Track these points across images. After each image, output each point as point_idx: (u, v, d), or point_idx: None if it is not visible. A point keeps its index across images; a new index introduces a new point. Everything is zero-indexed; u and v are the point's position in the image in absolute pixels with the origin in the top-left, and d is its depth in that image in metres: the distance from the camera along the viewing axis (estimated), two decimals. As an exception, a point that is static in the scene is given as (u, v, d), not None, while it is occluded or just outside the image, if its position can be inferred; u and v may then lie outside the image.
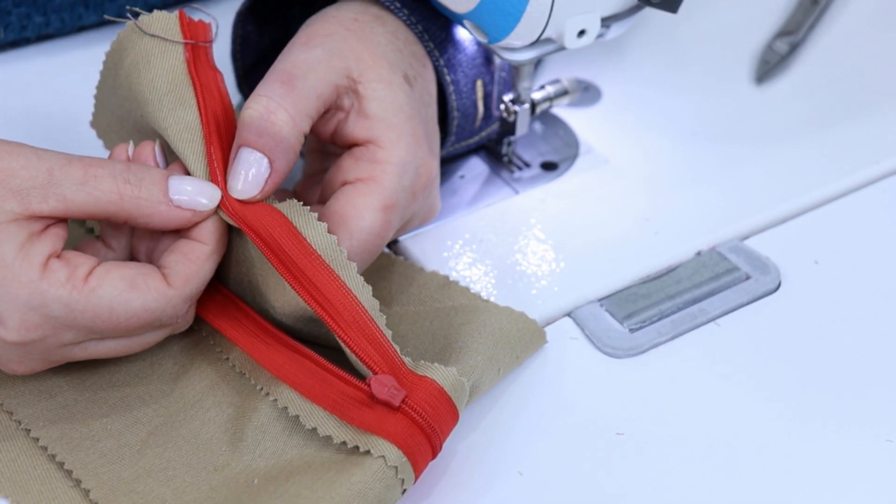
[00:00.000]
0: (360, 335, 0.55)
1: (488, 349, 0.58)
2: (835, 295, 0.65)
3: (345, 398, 0.54)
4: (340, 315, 0.55)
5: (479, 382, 0.57)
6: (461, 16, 0.64)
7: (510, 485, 0.56)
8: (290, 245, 0.55)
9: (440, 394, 0.54)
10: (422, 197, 0.62)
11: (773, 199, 0.71)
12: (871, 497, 0.55)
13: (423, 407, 0.53)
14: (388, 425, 0.53)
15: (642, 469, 0.56)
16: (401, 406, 0.53)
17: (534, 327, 0.61)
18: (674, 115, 0.78)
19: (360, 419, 0.53)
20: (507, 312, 0.61)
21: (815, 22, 0.85)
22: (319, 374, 0.55)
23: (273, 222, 0.55)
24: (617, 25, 0.66)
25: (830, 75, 0.82)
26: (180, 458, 0.55)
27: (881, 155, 0.74)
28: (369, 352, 0.54)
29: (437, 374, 0.55)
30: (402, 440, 0.53)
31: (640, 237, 0.68)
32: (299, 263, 0.55)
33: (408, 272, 0.64)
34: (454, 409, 0.55)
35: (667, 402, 0.59)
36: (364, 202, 0.59)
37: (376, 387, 0.53)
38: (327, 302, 0.55)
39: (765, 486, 0.55)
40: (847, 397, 0.60)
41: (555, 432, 0.58)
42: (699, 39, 0.85)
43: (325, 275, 0.55)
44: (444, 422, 0.54)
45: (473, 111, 0.69)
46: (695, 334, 0.63)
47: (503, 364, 0.59)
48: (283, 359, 0.57)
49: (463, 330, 0.59)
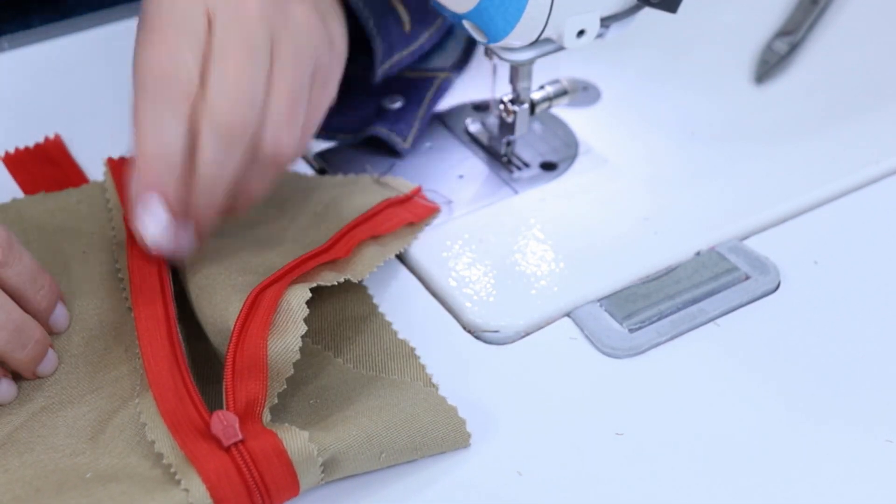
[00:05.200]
0: (242, 372, 0.54)
1: (374, 428, 0.54)
2: (834, 295, 0.65)
3: (188, 422, 0.53)
4: (237, 355, 0.54)
5: (342, 457, 0.53)
6: (461, 16, 0.64)
7: (510, 485, 0.56)
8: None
9: (279, 453, 0.51)
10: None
11: (773, 199, 0.71)
12: (871, 497, 0.55)
13: (256, 457, 0.51)
14: (208, 462, 0.51)
15: (642, 469, 0.56)
16: (230, 448, 0.51)
17: (458, 427, 0.56)
18: (673, 115, 0.78)
19: (192, 448, 0.52)
20: (434, 404, 0.57)
21: (815, 22, 0.85)
22: (180, 391, 0.54)
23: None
24: (617, 25, 0.66)
25: (830, 75, 0.82)
26: (52, 438, 0.55)
27: (881, 155, 0.74)
28: (236, 389, 0.53)
29: (285, 434, 0.52)
30: (216, 482, 0.50)
31: (640, 237, 0.68)
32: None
33: (379, 332, 0.62)
34: (292, 474, 0.52)
35: (667, 402, 0.59)
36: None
37: (215, 420, 0.52)
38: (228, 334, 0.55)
39: (765, 486, 0.55)
40: (847, 397, 0.60)
41: (555, 432, 0.58)
42: (699, 39, 0.85)
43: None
44: (277, 484, 0.52)
45: (389, 11, 0.67)
46: (694, 334, 0.63)
47: (388, 449, 0.55)
48: (165, 366, 0.56)
49: (368, 403, 0.56)
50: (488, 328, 0.63)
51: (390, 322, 0.62)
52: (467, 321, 0.64)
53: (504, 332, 0.63)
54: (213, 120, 0.57)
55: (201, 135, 0.57)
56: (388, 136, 0.72)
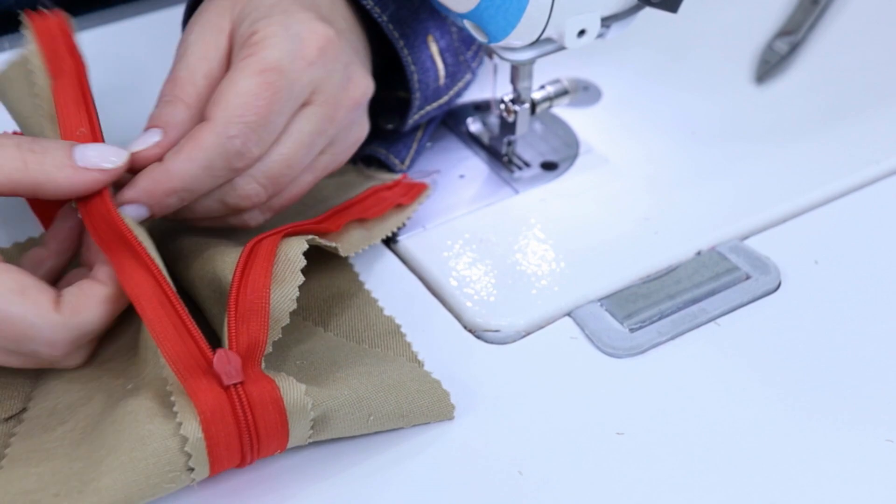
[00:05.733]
0: (245, 315, 0.54)
1: (364, 389, 0.55)
2: (835, 295, 0.65)
3: (189, 357, 0.52)
4: (239, 298, 0.55)
5: (333, 415, 0.54)
6: (461, 16, 0.64)
7: (510, 485, 0.56)
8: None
9: (275, 400, 0.52)
10: (322, 65, 0.60)
11: (773, 199, 0.71)
12: (871, 497, 0.55)
13: (253, 401, 0.51)
14: (206, 398, 0.51)
15: (642, 469, 0.56)
16: (229, 388, 0.51)
17: (442, 398, 0.57)
18: (674, 115, 0.78)
19: (191, 382, 0.52)
20: (419, 375, 0.58)
21: (815, 22, 0.85)
22: (179, 328, 0.53)
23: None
24: (617, 25, 0.66)
25: (830, 75, 0.82)
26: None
27: (881, 155, 0.74)
28: (238, 331, 0.54)
29: (283, 382, 0.53)
30: (210, 419, 0.51)
31: (640, 237, 0.68)
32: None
33: (365, 308, 0.63)
34: (284, 424, 0.52)
35: (667, 401, 0.59)
36: (238, 71, 0.58)
37: (219, 357, 0.52)
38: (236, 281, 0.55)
39: (765, 485, 0.55)
40: (847, 397, 0.60)
41: (555, 432, 0.58)
42: (699, 39, 0.85)
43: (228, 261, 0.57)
44: (268, 432, 0.52)
45: (432, 66, 0.68)
46: (695, 334, 0.63)
47: (377, 413, 0.55)
48: (157, 303, 0.54)
49: (355, 368, 0.57)
50: (489, 328, 0.63)
51: (376, 299, 0.63)
52: (468, 321, 0.64)
53: (505, 332, 0.63)
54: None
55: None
56: (386, 157, 0.71)
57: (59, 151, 0.55)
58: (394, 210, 0.67)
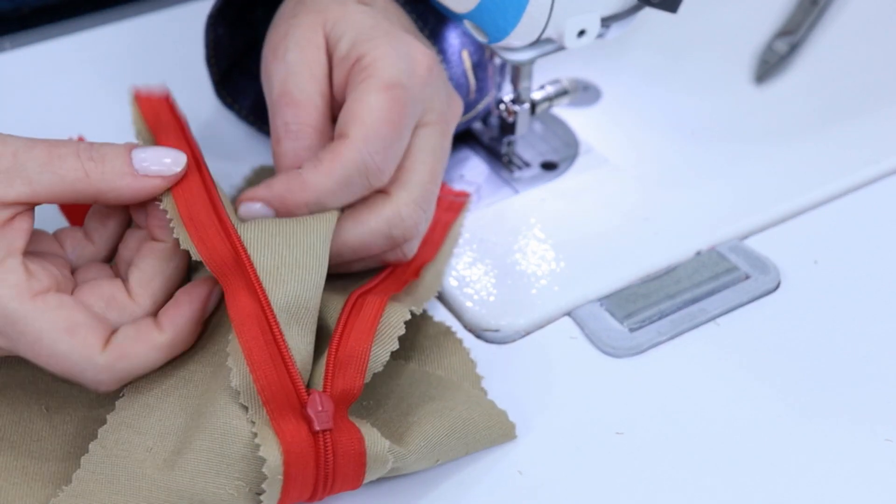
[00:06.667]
0: (344, 362, 0.54)
1: (435, 434, 0.55)
2: (834, 295, 0.65)
3: (281, 391, 0.52)
4: (340, 344, 0.54)
5: (405, 465, 0.54)
6: (461, 16, 0.64)
7: (510, 485, 0.56)
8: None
9: (359, 454, 0.52)
10: (431, 84, 0.61)
11: (773, 199, 0.71)
12: (871, 496, 0.55)
13: (338, 451, 0.51)
14: (293, 437, 0.51)
15: (642, 469, 0.56)
16: (317, 433, 0.51)
17: (506, 427, 0.57)
18: (673, 115, 0.78)
19: (279, 419, 0.51)
20: (485, 408, 0.57)
21: (815, 22, 0.85)
22: (276, 359, 0.53)
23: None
24: (617, 25, 0.66)
25: (830, 75, 0.82)
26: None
27: (881, 155, 0.74)
28: (335, 376, 0.53)
29: (369, 435, 0.52)
30: (294, 461, 0.50)
31: (640, 237, 0.68)
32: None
33: (421, 321, 0.62)
34: (362, 474, 0.52)
35: (667, 401, 0.59)
36: (364, 90, 0.58)
37: (313, 401, 0.52)
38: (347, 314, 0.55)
39: (764, 485, 0.56)
40: (846, 397, 0.60)
41: (555, 432, 0.58)
42: (699, 39, 0.85)
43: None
44: (344, 479, 0.52)
45: (465, 82, 0.69)
46: (695, 334, 0.63)
47: (444, 456, 0.55)
48: (258, 332, 0.53)
49: (425, 407, 0.56)
50: (489, 327, 0.63)
51: (432, 315, 0.63)
52: (468, 320, 0.64)
53: (504, 332, 0.63)
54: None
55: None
56: None
57: (117, 159, 0.55)
58: (449, 232, 0.67)
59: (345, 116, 0.59)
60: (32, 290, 0.52)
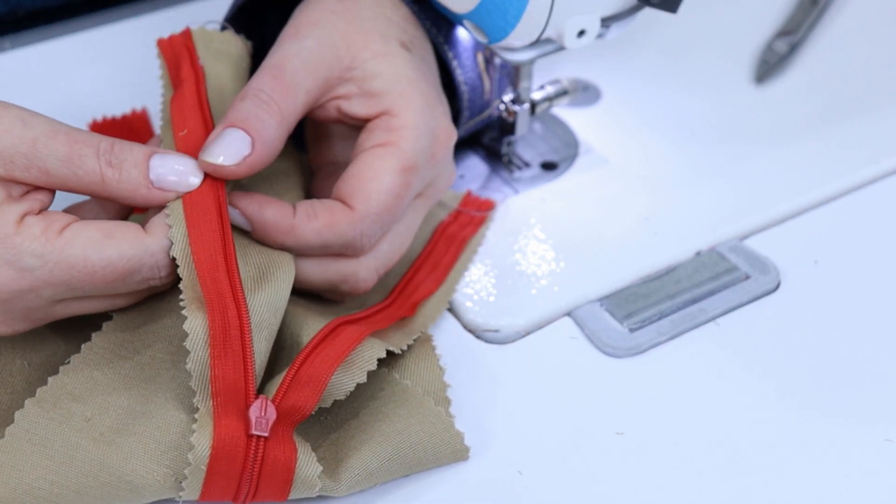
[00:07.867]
0: (303, 381, 0.53)
1: (378, 465, 0.54)
2: (834, 295, 0.65)
3: (232, 384, 0.52)
4: (304, 364, 0.54)
5: (334, 495, 0.54)
6: (461, 16, 0.64)
7: (510, 485, 0.56)
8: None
9: (287, 471, 0.52)
10: (441, 162, 0.62)
11: (773, 199, 0.71)
12: (870, 496, 0.55)
13: (266, 461, 0.51)
14: (226, 431, 0.51)
15: (642, 469, 0.56)
16: (251, 437, 0.51)
17: (459, 449, 0.56)
18: (673, 115, 0.78)
19: (221, 410, 0.51)
20: (441, 428, 0.56)
21: (815, 22, 0.85)
22: (236, 350, 0.53)
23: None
24: (617, 25, 0.66)
25: (830, 75, 0.82)
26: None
27: (881, 155, 0.74)
28: (289, 391, 0.53)
29: (303, 457, 0.52)
30: (219, 455, 0.50)
31: (640, 237, 0.68)
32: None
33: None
34: (285, 491, 0.52)
35: (667, 401, 0.59)
36: (382, 164, 0.58)
37: (257, 406, 0.52)
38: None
39: (764, 485, 0.56)
40: (846, 397, 0.60)
41: (555, 432, 0.58)
42: (699, 39, 0.85)
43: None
44: (267, 490, 0.52)
45: (480, 84, 0.69)
46: (695, 334, 0.63)
47: (382, 479, 0.55)
48: (232, 326, 0.54)
49: (376, 427, 0.55)
50: (489, 328, 0.63)
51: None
52: (468, 321, 0.64)
53: (504, 332, 0.63)
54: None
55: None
56: None
57: (135, 169, 0.55)
58: (464, 250, 0.67)
59: (355, 182, 0.58)
60: (56, 229, 0.52)
